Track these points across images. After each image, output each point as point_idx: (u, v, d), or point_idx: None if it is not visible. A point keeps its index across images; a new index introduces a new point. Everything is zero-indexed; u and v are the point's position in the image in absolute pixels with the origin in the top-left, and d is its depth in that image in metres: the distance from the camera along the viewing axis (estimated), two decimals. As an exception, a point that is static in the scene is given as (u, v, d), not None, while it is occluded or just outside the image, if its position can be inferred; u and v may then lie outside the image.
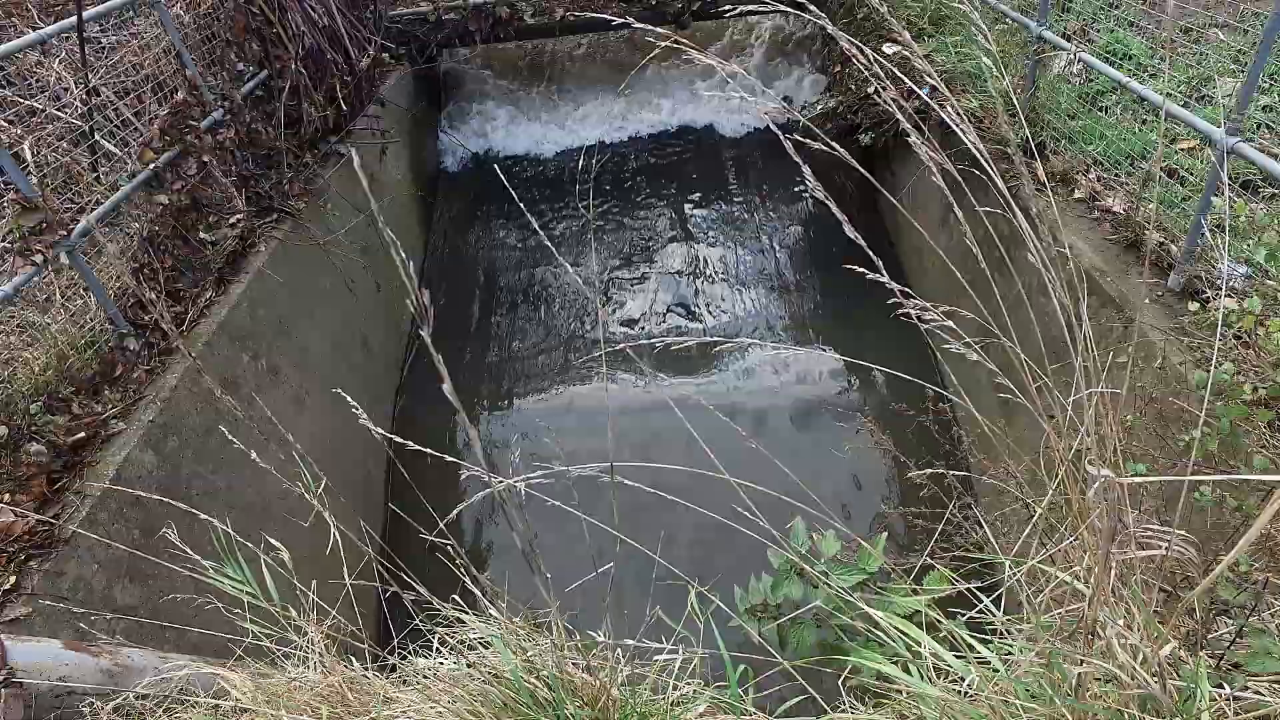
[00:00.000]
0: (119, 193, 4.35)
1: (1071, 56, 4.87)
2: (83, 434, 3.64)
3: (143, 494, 2.97)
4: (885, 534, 1.60)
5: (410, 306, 1.19)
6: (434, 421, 6.34)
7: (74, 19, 4.19)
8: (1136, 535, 1.29)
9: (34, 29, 4.33)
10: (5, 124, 4.06)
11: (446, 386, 1.27)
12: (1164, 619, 1.35)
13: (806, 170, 1.70)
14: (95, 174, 4.29)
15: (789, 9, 1.74)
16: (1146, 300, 4.06)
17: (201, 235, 4.76)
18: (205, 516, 1.94)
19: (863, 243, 1.79)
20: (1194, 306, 3.86)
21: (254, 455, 1.85)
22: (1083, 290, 2.06)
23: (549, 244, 1.82)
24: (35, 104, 4.14)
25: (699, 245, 8.39)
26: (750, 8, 1.81)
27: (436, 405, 6.25)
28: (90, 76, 4.29)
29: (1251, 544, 1.30)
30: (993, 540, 1.90)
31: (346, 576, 1.93)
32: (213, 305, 4.66)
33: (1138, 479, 1.28)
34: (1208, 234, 3.88)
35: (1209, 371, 3.24)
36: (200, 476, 4.03)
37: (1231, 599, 1.73)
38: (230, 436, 2.18)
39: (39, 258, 3.84)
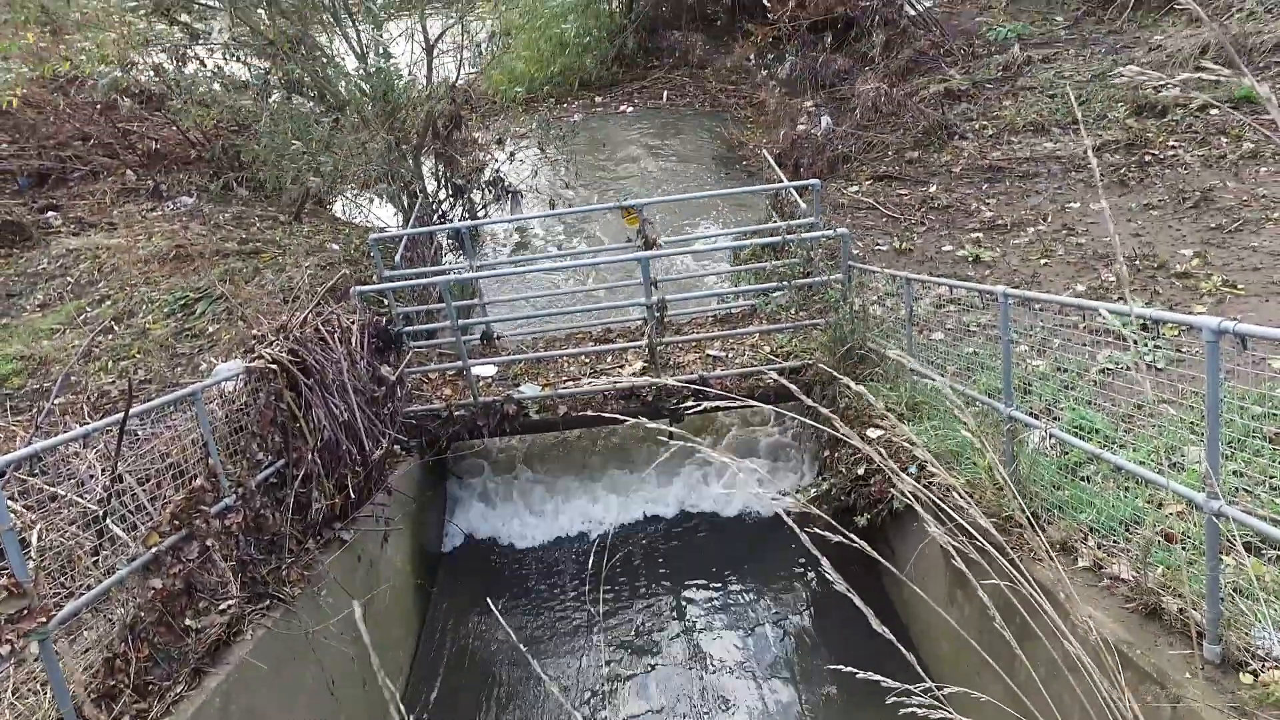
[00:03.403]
0: (112, 578, 4.28)
1: (1044, 433, 5.22)
2: None
3: None
4: None
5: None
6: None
7: (118, 416, 4.57)
8: None
9: (81, 424, 4.68)
10: (24, 510, 4.17)
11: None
12: None
13: (825, 563, 1.79)
14: (95, 558, 4.28)
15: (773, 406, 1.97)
16: (1187, 675, 3.78)
17: (187, 621, 4.58)
18: None
19: (891, 636, 1.80)
20: (1247, 679, 3.59)
21: None
22: (1117, 665, 1.96)
23: (549, 680, 1.76)
24: (59, 490, 4.31)
25: (704, 634, 8.06)
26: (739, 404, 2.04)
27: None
28: (118, 464, 4.53)
29: None
30: None
31: None
32: (181, 701, 4.30)
33: None
34: (1234, 599, 3.78)
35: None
36: None
37: None
38: None
39: (6, 648, 3.65)
